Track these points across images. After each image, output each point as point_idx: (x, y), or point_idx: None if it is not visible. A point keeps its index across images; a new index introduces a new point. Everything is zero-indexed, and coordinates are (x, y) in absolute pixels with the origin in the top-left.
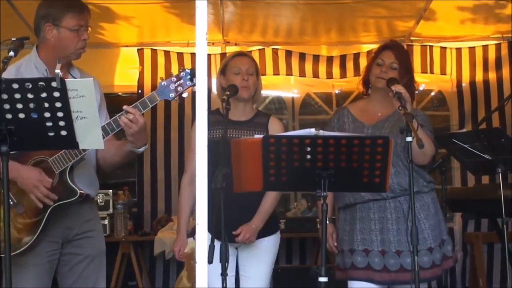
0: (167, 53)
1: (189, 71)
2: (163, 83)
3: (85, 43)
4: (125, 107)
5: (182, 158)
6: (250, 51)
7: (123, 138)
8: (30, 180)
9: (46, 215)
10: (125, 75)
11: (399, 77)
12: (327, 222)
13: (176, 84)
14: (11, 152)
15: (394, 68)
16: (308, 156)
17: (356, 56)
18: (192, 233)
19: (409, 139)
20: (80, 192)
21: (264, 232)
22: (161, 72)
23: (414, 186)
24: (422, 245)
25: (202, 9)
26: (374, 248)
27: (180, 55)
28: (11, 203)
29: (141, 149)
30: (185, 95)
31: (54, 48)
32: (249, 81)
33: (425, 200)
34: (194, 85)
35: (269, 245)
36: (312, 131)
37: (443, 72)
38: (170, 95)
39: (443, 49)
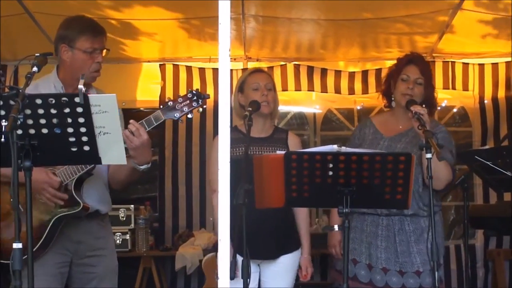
0: (189, 68)
1: (195, 92)
2: (169, 103)
3: (99, 65)
4: (131, 121)
5: (203, 174)
6: (272, 67)
7: (127, 155)
8: (38, 182)
9: (50, 224)
10: (147, 90)
11: (424, 91)
12: (336, 229)
13: (182, 104)
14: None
15: (420, 84)
16: (330, 173)
17: (378, 72)
18: (214, 248)
19: (428, 155)
20: (83, 205)
21: (285, 248)
22: (183, 87)
23: (411, 209)
24: (408, 268)
25: (225, 25)
26: (362, 260)
27: (202, 70)
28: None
29: (143, 167)
30: (190, 116)
31: (69, 69)
32: (268, 96)
33: (420, 224)
34: (201, 106)
35: (291, 262)
36: (334, 147)
37: (465, 88)
38: (175, 115)
39: (466, 65)
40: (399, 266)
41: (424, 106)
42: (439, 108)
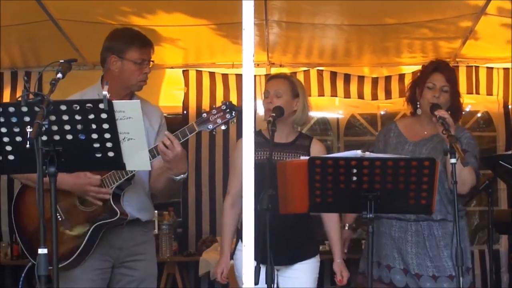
0: (212, 74)
1: (228, 104)
2: (203, 115)
3: (147, 76)
4: (166, 133)
5: (226, 179)
6: (295, 73)
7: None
8: (79, 185)
9: (90, 231)
10: (171, 96)
11: (450, 99)
12: (346, 228)
13: (216, 116)
14: None
15: (446, 91)
16: (354, 178)
17: (401, 77)
18: (232, 255)
19: (453, 160)
20: (121, 214)
21: (303, 255)
22: (206, 93)
23: (438, 214)
24: (441, 272)
25: (249, 31)
26: (396, 265)
27: (225, 76)
28: (60, 219)
29: (179, 177)
30: (224, 127)
31: (117, 79)
32: (272, 103)
33: (449, 228)
34: (233, 117)
35: (309, 268)
36: (358, 152)
37: (489, 92)
38: (209, 126)
39: (490, 69)
40: (432, 271)
41: (449, 112)
42: (463, 113)
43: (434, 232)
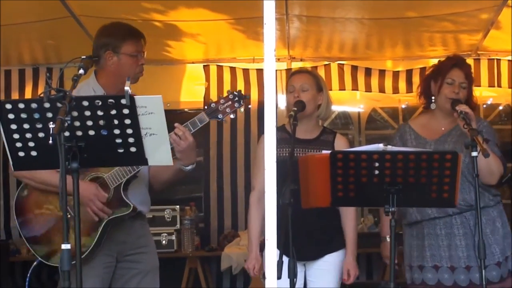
0: (232, 69)
1: (237, 93)
2: (212, 105)
3: (143, 67)
4: (176, 124)
5: (248, 174)
6: (316, 67)
7: (173, 157)
8: (87, 194)
9: (101, 228)
10: (191, 91)
11: (467, 94)
12: (387, 240)
13: (225, 105)
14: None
15: (464, 88)
16: (376, 172)
17: (422, 71)
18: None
19: (474, 153)
20: (133, 206)
21: (330, 248)
22: (227, 88)
23: (480, 201)
24: (490, 260)
25: (270, 26)
26: (444, 264)
27: (245, 71)
28: (69, 216)
29: (189, 167)
30: (233, 116)
31: (114, 74)
32: (299, 97)
33: (491, 215)
34: (242, 106)
35: (336, 261)
36: (380, 146)
37: (511, 85)
38: (219, 116)
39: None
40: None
41: None
42: (484, 106)
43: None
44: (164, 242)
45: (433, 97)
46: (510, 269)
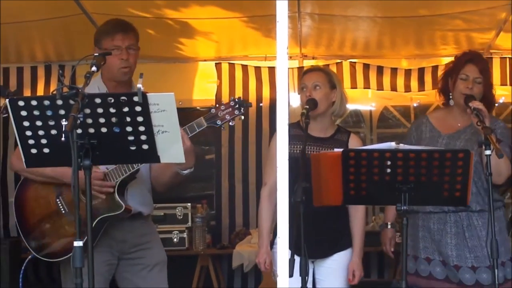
0: (244, 67)
1: (237, 100)
2: (212, 111)
3: (127, 62)
4: None
5: (260, 172)
6: (328, 65)
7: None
8: (82, 178)
9: (93, 225)
10: (203, 89)
11: (483, 90)
12: (388, 226)
13: (225, 112)
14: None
15: (479, 83)
16: (388, 170)
17: (435, 69)
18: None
19: (487, 152)
20: (125, 207)
21: (339, 246)
22: (238, 86)
23: (477, 205)
24: (482, 262)
25: (283, 24)
26: (436, 258)
27: (257, 69)
28: (63, 212)
29: (186, 171)
30: (232, 123)
31: (105, 70)
32: (311, 96)
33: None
34: (242, 114)
35: (345, 259)
36: (392, 144)
37: None
38: (217, 122)
39: None
40: (471, 262)
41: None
42: (496, 104)
43: (473, 222)
44: (175, 239)
45: (450, 94)
46: (506, 276)
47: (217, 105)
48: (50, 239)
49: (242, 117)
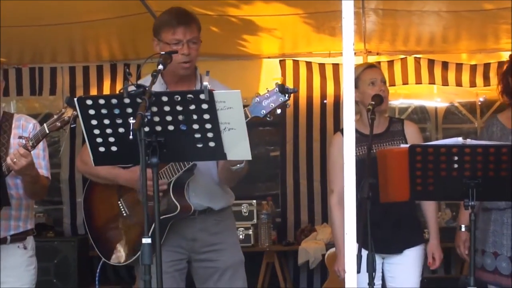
0: (308, 64)
1: (280, 85)
2: (256, 99)
3: (188, 57)
4: None
5: (324, 169)
6: (392, 61)
7: None
8: (135, 181)
9: (153, 226)
10: (268, 86)
11: None
12: (462, 229)
13: (269, 100)
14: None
15: None
16: (456, 165)
17: (501, 64)
18: None
19: None
20: (182, 207)
21: (410, 242)
22: (302, 83)
23: None
24: None
25: (349, 20)
26: (503, 253)
27: (321, 66)
28: (124, 214)
29: (235, 167)
30: (279, 111)
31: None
32: (385, 91)
33: None
34: (286, 101)
35: (416, 255)
36: (459, 140)
37: None
38: (262, 111)
39: None
40: None
41: None
42: None
43: None
44: (241, 236)
45: None
46: None
47: (261, 93)
48: (116, 243)
49: (288, 104)
